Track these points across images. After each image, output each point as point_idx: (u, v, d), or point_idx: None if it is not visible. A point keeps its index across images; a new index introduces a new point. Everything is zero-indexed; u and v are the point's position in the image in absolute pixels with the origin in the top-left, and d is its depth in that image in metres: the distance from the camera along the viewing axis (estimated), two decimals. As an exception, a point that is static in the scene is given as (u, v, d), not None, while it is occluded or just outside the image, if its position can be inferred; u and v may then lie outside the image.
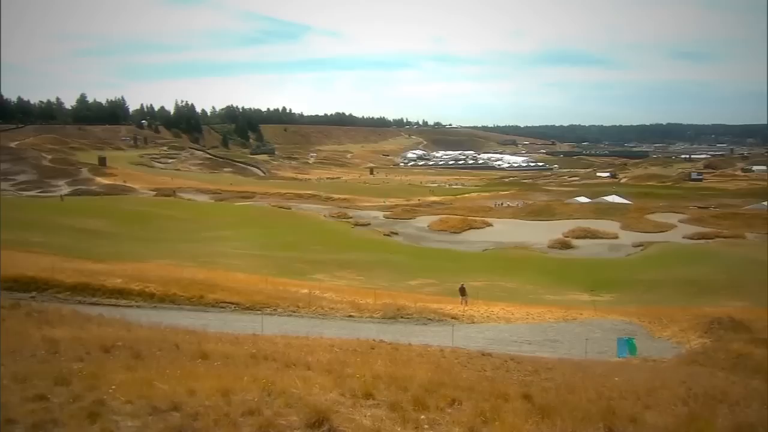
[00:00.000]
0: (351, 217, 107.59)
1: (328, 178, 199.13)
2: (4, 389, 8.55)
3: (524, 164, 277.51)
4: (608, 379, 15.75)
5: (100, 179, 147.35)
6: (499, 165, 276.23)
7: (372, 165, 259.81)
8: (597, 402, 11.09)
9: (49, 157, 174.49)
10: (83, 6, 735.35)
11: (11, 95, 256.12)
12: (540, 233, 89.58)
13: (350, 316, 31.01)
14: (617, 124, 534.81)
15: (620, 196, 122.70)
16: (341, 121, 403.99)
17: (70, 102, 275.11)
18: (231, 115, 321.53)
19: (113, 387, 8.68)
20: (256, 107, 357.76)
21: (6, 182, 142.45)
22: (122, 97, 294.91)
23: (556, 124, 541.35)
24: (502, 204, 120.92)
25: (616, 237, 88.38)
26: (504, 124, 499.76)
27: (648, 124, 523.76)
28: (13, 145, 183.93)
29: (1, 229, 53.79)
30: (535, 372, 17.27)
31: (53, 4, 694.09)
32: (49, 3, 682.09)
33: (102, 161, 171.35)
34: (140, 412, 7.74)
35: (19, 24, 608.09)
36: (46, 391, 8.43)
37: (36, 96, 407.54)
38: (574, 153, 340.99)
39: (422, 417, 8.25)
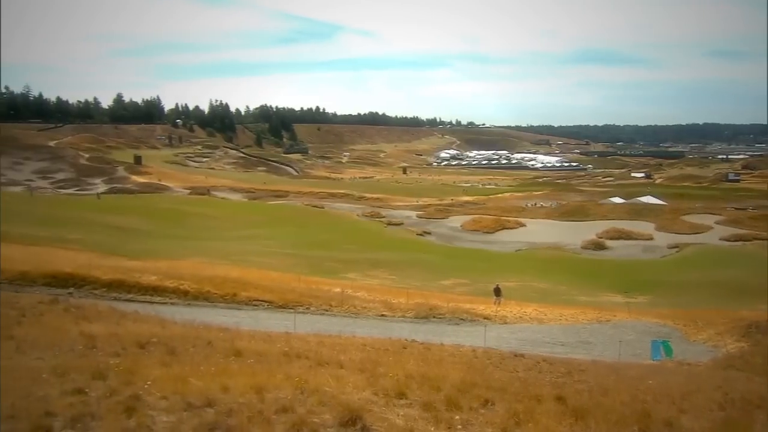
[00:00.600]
0: (384, 217, 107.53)
1: (361, 178, 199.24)
2: (44, 382, 8.70)
3: (558, 164, 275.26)
4: (642, 382, 15.55)
5: (135, 178, 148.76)
6: (532, 165, 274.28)
7: (405, 164, 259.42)
8: (631, 405, 10.97)
9: (87, 155, 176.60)
10: (120, 7, 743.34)
11: (51, 95, 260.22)
12: (573, 234, 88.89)
13: (382, 315, 31.00)
14: (652, 124, 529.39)
15: (655, 197, 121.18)
16: (374, 120, 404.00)
17: (107, 102, 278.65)
18: (265, 114, 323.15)
19: (149, 382, 8.79)
20: (289, 106, 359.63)
21: (45, 180, 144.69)
22: (157, 97, 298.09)
23: (591, 124, 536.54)
24: (535, 204, 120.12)
25: (650, 238, 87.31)
26: (537, 124, 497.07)
27: (684, 123, 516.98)
28: (52, 144, 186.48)
29: (1, 224, 54.53)
30: (568, 374, 17.14)
31: (91, 6, 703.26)
32: (87, 5, 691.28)
33: (137, 160, 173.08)
34: (175, 407, 7.82)
35: (61, 27, 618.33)
36: (84, 385, 8.56)
37: (74, 96, 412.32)
38: (608, 153, 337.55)
39: (456, 417, 8.23)
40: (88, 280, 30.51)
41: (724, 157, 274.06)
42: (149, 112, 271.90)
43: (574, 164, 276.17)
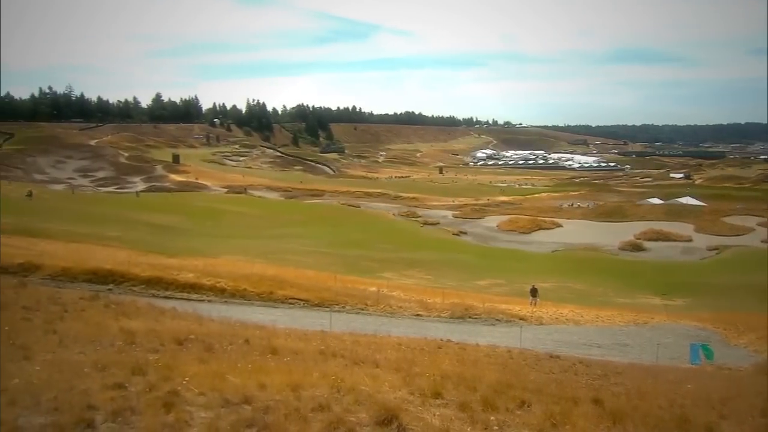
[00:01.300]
0: (420, 216, 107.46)
1: (397, 177, 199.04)
2: (86, 376, 8.85)
3: (595, 164, 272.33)
4: (680, 386, 15.34)
5: (173, 176, 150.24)
6: (569, 165, 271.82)
7: (441, 164, 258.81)
8: (669, 409, 10.86)
9: (126, 154, 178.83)
10: (160, 9, 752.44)
11: (92, 95, 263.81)
12: (611, 235, 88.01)
13: (418, 315, 30.97)
14: (692, 124, 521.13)
15: (694, 198, 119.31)
16: (411, 120, 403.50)
17: (146, 101, 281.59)
18: (301, 113, 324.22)
19: (187, 378, 8.89)
20: (326, 106, 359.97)
21: (86, 178, 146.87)
22: (195, 96, 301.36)
23: (628, 124, 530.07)
24: (572, 204, 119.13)
25: (689, 240, 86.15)
26: (575, 124, 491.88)
27: (725, 123, 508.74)
28: (92, 143, 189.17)
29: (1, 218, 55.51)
30: (604, 376, 16.99)
31: (132, 8, 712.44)
32: (129, 7, 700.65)
33: (176, 159, 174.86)
34: (213, 403, 7.91)
35: (102, 28, 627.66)
36: (124, 380, 8.70)
37: (115, 96, 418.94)
38: (646, 153, 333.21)
39: (492, 418, 8.21)
40: (127, 277, 30.90)
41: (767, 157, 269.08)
42: (187, 112, 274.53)
43: (612, 164, 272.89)
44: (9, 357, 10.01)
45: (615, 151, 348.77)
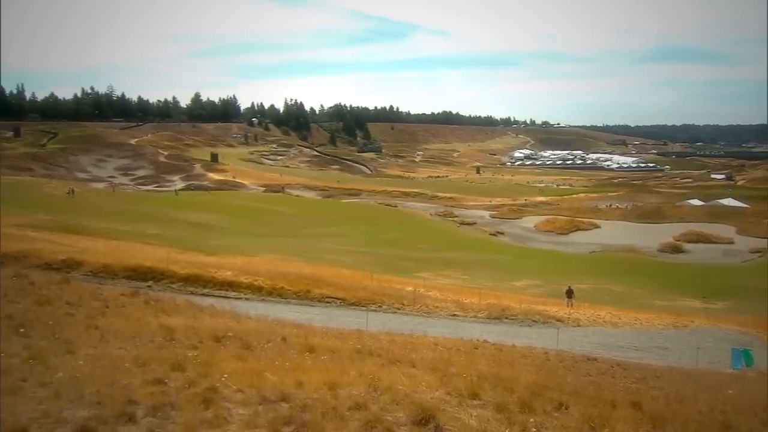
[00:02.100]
0: (457, 216, 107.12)
1: (434, 177, 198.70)
2: (127, 372, 8.99)
3: (634, 165, 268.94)
4: (721, 392, 15.06)
5: (212, 175, 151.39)
6: (608, 165, 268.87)
7: (478, 164, 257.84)
8: (710, 415, 10.69)
9: (165, 153, 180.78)
10: (198, 10, 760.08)
11: (133, 95, 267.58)
12: (649, 236, 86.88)
13: (454, 315, 30.93)
14: (734, 124, 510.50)
15: (736, 199, 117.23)
16: (448, 119, 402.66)
17: (185, 101, 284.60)
18: (339, 113, 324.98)
19: (225, 375, 8.99)
20: (363, 105, 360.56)
21: (126, 177, 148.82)
22: (234, 96, 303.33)
23: (668, 124, 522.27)
24: (610, 205, 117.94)
25: (731, 242, 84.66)
26: (613, 124, 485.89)
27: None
28: (133, 142, 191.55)
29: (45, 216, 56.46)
30: (642, 379, 16.82)
31: (172, 9, 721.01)
32: (169, 8, 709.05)
33: (214, 158, 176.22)
34: (251, 401, 7.99)
35: (143, 29, 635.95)
36: (164, 376, 8.82)
37: (154, 95, 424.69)
38: (687, 154, 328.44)
39: (530, 420, 8.17)
40: (166, 274, 31.32)
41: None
42: (226, 111, 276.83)
43: (651, 165, 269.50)
44: (53, 351, 10.21)
45: (654, 152, 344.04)
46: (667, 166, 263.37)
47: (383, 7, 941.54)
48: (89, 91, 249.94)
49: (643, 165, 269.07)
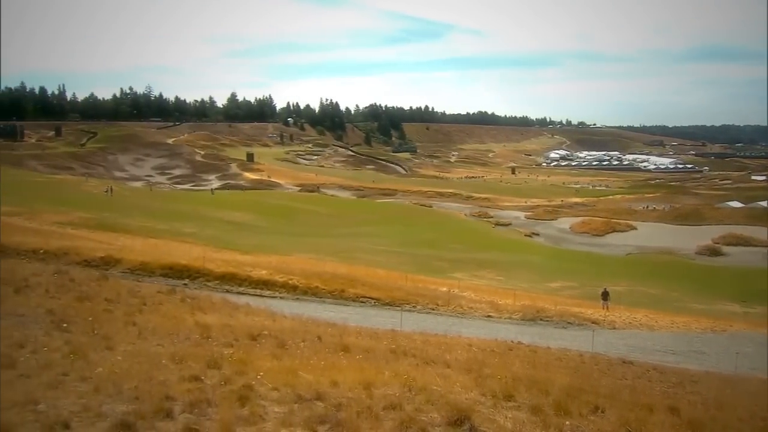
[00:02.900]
0: (492, 217, 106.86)
1: (469, 177, 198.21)
2: (164, 368, 9.10)
3: (672, 166, 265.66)
4: (761, 399, 14.80)
5: (247, 174, 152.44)
6: (644, 166, 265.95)
7: (514, 164, 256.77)
8: (749, 422, 10.55)
9: (202, 152, 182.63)
10: (234, 10, 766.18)
11: (170, 95, 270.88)
12: (687, 238, 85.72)
13: (488, 316, 30.79)
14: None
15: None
16: (483, 119, 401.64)
17: (221, 101, 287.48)
18: (374, 113, 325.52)
19: (261, 373, 9.07)
20: (398, 105, 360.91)
21: (163, 176, 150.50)
22: (269, 96, 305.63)
23: (707, 124, 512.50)
24: (647, 207, 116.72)
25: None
26: (651, 124, 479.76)
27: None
28: (170, 141, 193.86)
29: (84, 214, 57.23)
30: (679, 384, 16.57)
31: (208, 9, 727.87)
32: (205, 9, 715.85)
33: (250, 157, 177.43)
34: (286, 399, 8.04)
35: (179, 30, 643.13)
36: (200, 373, 8.93)
37: (191, 95, 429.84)
38: (726, 155, 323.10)
39: (566, 423, 8.12)
40: (202, 273, 31.57)
41: None
42: (262, 111, 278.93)
43: (689, 166, 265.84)
44: (93, 346, 10.37)
45: (693, 153, 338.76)
46: (706, 168, 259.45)
47: (418, 7, 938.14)
48: (128, 91, 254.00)
49: (680, 166, 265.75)
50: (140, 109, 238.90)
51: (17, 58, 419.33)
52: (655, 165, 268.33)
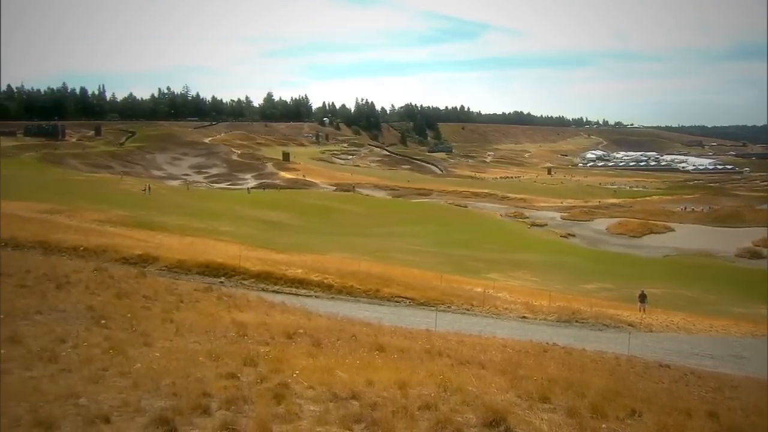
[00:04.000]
0: (527, 217, 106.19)
1: (504, 178, 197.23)
2: (201, 365, 9.20)
3: (711, 167, 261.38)
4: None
5: (283, 174, 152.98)
6: (683, 167, 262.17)
7: (550, 165, 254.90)
8: (793, 429, 10.35)
9: (238, 152, 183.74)
10: (271, 11, 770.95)
11: (207, 95, 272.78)
12: (727, 240, 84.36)
13: (523, 317, 30.67)
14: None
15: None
16: (519, 119, 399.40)
17: (257, 100, 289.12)
18: (410, 113, 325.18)
19: (296, 372, 9.12)
20: (434, 105, 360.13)
21: (200, 174, 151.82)
22: (305, 96, 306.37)
23: (748, 124, 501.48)
24: (685, 208, 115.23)
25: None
26: (689, 124, 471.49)
27: None
28: (207, 140, 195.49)
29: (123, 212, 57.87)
30: (718, 389, 16.31)
31: (245, 11, 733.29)
32: (242, 10, 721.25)
33: (286, 156, 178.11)
34: (321, 397, 8.09)
35: (217, 30, 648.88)
36: (237, 370, 9.03)
37: (228, 95, 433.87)
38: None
39: (602, 426, 8.05)
40: (239, 271, 31.85)
41: None
42: (297, 111, 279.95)
43: (729, 167, 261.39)
44: (131, 343, 10.53)
45: (733, 153, 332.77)
46: (747, 168, 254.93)
47: (454, 6, 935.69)
48: (166, 91, 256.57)
49: (720, 167, 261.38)
50: (178, 109, 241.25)
51: (60, 59, 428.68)
52: (694, 166, 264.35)
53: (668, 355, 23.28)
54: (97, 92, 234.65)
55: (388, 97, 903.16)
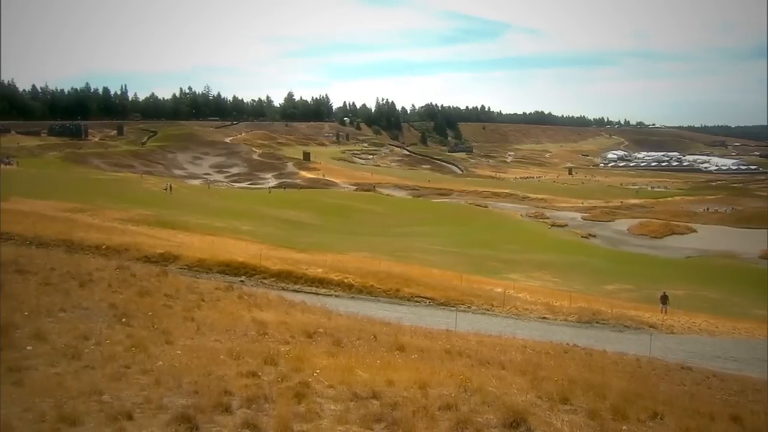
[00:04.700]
0: (548, 218, 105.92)
1: (525, 178, 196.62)
2: (222, 363, 9.26)
3: (734, 167, 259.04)
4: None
5: (303, 173, 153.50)
6: (705, 167, 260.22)
7: (571, 165, 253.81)
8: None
9: (259, 151, 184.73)
10: (291, 11, 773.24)
11: (228, 95, 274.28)
12: (750, 242, 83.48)
13: (544, 317, 30.57)
14: None
15: None
16: (540, 119, 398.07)
17: (278, 100, 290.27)
18: (430, 112, 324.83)
19: (317, 371, 9.15)
20: (454, 105, 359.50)
21: (221, 174, 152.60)
22: (326, 95, 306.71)
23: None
24: (708, 209, 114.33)
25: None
26: (712, 124, 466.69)
27: None
28: (228, 140, 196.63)
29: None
30: (741, 392, 16.12)
31: (266, 11, 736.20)
32: (263, 10, 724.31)
33: (306, 156, 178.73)
34: (342, 396, 8.10)
35: (238, 31, 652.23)
36: (257, 369, 9.06)
37: (249, 95, 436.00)
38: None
39: (623, 428, 8.01)
40: (259, 270, 31.98)
41: None
42: (318, 110, 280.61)
43: (753, 167, 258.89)
44: (153, 340, 10.60)
45: (757, 153, 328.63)
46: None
47: (474, 6, 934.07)
48: (187, 91, 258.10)
49: (744, 167, 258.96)
50: (199, 109, 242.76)
51: (83, 60, 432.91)
52: (717, 166, 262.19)
53: (690, 358, 23.09)
54: (119, 92, 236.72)
55: (409, 96, 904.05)
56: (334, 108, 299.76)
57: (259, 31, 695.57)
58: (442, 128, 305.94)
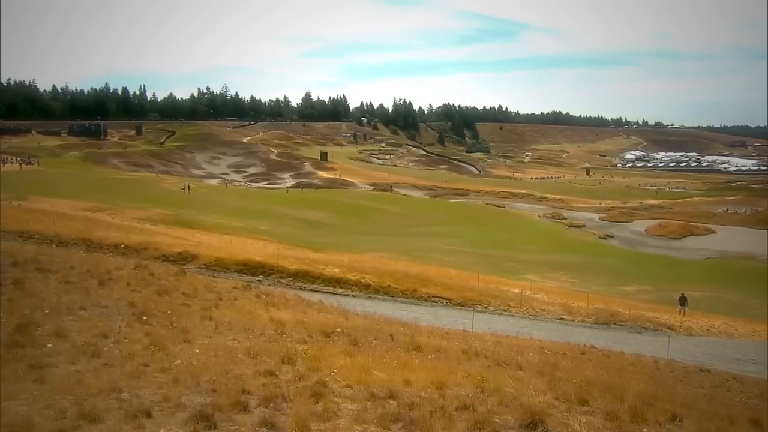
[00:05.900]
0: (565, 218, 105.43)
1: (542, 178, 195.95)
2: (240, 362, 9.31)
3: (754, 168, 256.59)
4: None
5: (321, 173, 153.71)
6: (725, 168, 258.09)
7: (588, 165, 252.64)
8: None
9: (276, 151, 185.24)
10: (309, 11, 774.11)
11: (245, 95, 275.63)
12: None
13: (561, 318, 30.48)
14: None
15: None
16: (557, 120, 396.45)
17: (296, 100, 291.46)
18: (447, 113, 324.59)
19: (334, 370, 9.17)
20: (472, 105, 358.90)
21: (238, 174, 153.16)
22: (343, 96, 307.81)
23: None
24: (727, 210, 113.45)
25: None
26: (732, 124, 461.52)
27: None
28: (245, 140, 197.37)
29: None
30: (761, 395, 15.96)
31: (284, 11, 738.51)
32: (281, 11, 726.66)
33: (323, 156, 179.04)
34: (359, 396, 8.12)
35: (255, 31, 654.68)
36: (275, 368, 9.11)
37: (266, 95, 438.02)
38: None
39: (643, 430, 7.98)
40: (276, 270, 32.11)
41: None
42: (335, 110, 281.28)
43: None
44: (171, 339, 10.68)
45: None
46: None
47: (492, 6, 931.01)
48: (205, 91, 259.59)
49: (764, 168, 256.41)
50: (217, 109, 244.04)
51: (102, 61, 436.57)
52: (736, 166, 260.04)
53: (709, 360, 22.94)
54: (138, 92, 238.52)
55: (426, 96, 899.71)
56: (351, 108, 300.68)
57: (277, 32, 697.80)
58: (459, 128, 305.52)
